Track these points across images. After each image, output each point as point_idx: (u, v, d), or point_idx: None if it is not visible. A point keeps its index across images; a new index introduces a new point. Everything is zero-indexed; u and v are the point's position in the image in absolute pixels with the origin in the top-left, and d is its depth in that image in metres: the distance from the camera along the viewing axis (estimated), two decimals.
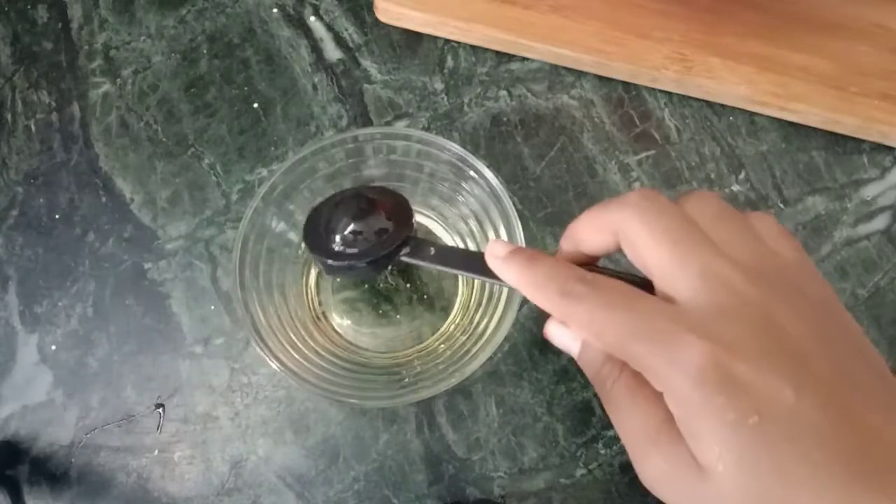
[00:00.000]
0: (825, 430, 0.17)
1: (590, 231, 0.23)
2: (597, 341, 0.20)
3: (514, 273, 0.23)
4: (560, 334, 0.24)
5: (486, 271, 0.25)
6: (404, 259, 0.30)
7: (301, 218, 0.35)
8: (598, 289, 0.21)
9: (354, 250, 0.30)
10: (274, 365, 0.30)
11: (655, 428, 0.20)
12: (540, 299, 0.22)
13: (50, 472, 0.36)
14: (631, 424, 0.20)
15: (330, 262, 0.30)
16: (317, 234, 0.31)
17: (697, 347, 0.18)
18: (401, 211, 0.31)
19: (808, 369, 0.18)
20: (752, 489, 0.18)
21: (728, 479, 0.18)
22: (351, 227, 0.30)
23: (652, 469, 0.20)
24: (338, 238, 0.30)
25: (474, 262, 0.27)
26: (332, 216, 0.31)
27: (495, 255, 0.24)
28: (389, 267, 0.32)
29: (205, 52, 0.42)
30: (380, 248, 0.29)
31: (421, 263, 0.29)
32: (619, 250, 0.22)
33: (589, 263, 0.24)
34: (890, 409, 0.18)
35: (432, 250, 0.29)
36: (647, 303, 0.20)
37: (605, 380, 0.22)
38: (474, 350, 0.31)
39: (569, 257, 0.24)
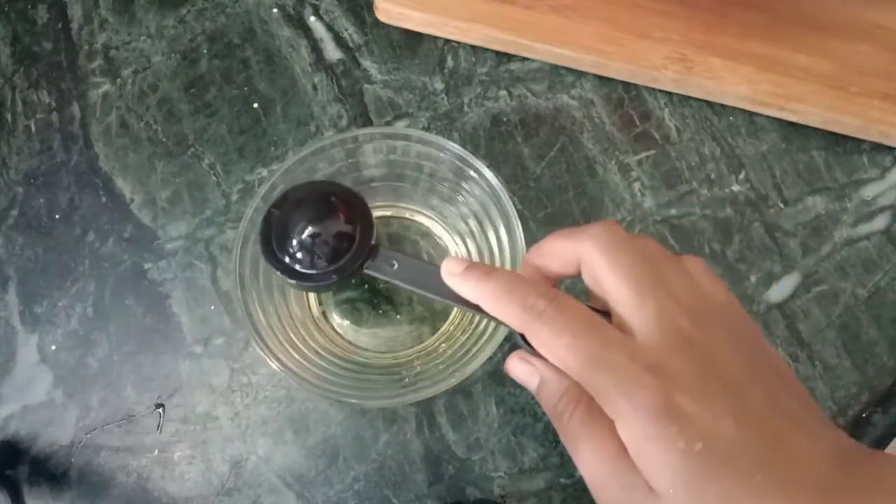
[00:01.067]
0: (761, 455, 0.20)
1: (553, 256, 0.24)
2: (556, 361, 0.22)
3: (471, 287, 0.24)
4: (519, 370, 0.25)
5: (447, 292, 0.25)
6: (368, 272, 0.29)
7: None
8: (562, 309, 0.22)
9: (318, 265, 0.28)
10: (274, 365, 0.30)
11: (611, 457, 0.21)
12: (500, 312, 0.23)
13: (50, 472, 0.36)
14: (587, 455, 0.22)
15: (290, 281, 0.29)
16: (274, 240, 0.29)
17: (652, 383, 0.20)
18: (361, 213, 0.29)
19: (743, 400, 0.20)
20: None
21: (679, 501, 0.20)
22: (309, 232, 0.28)
23: (608, 496, 0.21)
24: (296, 245, 0.28)
25: (436, 282, 0.26)
26: (288, 220, 0.29)
27: (451, 272, 0.25)
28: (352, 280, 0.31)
29: (205, 52, 0.42)
30: (345, 263, 0.28)
31: (383, 278, 0.28)
32: (578, 276, 0.24)
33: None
34: (812, 431, 0.21)
35: (395, 264, 0.28)
36: (608, 333, 0.21)
37: (562, 414, 0.23)
38: (474, 350, 0.31)
39: (529, 275, 0.25)
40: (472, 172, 0.32)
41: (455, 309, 0.37)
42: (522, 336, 0.23)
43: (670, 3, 0.40)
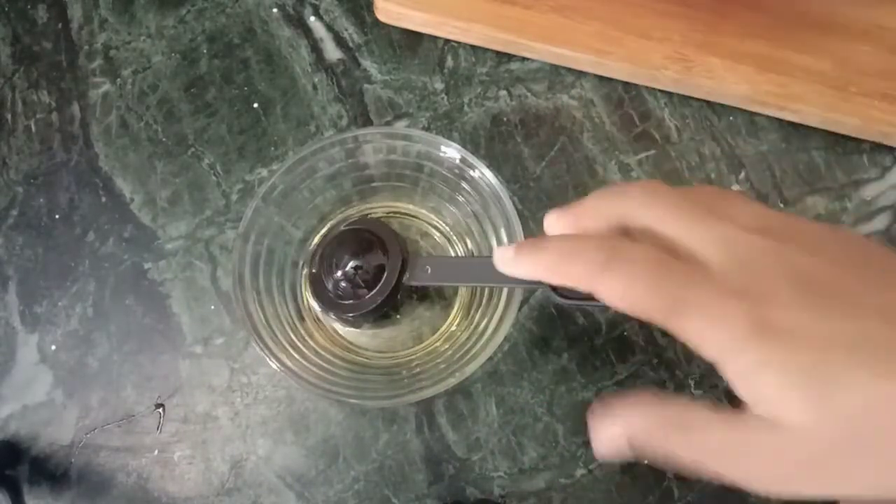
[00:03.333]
0: (874, 336, 0.18)
1: (597, 215, 0.23)
2: (633, 311, 0.20)
3: (528, 265, 0.23)
4: (606, 446, 0.22)
5: (492, 276, 0.25)
6: (409, 283, 0.31)
7: (301, 217, 0.35)
8: (627, 255, 0.21)
9: (361, 295, 0.32)
10: (274, 365, 0.30)
11: (715, 414, 0.20)
12: (564, 277, 0.22)
13: (50, 472, 0.36)
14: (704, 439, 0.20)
15: (347, 315, 0.33)
16: (325, 290, 0.33)
17: (743, 308, 0.18)
18: (390, 241, 0.33)
19: (836, 297, 0.19)
20: (829, 416, 0.18)
21: (805, 418, 0.18)
22: (351, 266, 0.32)
23: (731, 458, 0.20)
24: (340, 286, 0.33)
25: (478, 269, 0.27)
26: (329, 271, 0.33)
27: (504, 259, 0.24)
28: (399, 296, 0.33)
29: (205, 52, 0.42)
30: (384, 284, 0.32)
31: (425, 284, 0.32)
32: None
33: None
34: None
35: (429, 269, 0.31)
36: (682, 270, 0.20)
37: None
38: (474, 350, 0.31)
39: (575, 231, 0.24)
40: (472, 172, 0.32)
41: (455, 309, 0.37)
42: (553, 289, 0.23)
43: (670, 3, 0.40)
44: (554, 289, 0.25)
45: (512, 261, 0.24)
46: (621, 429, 0.21)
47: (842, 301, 0.19)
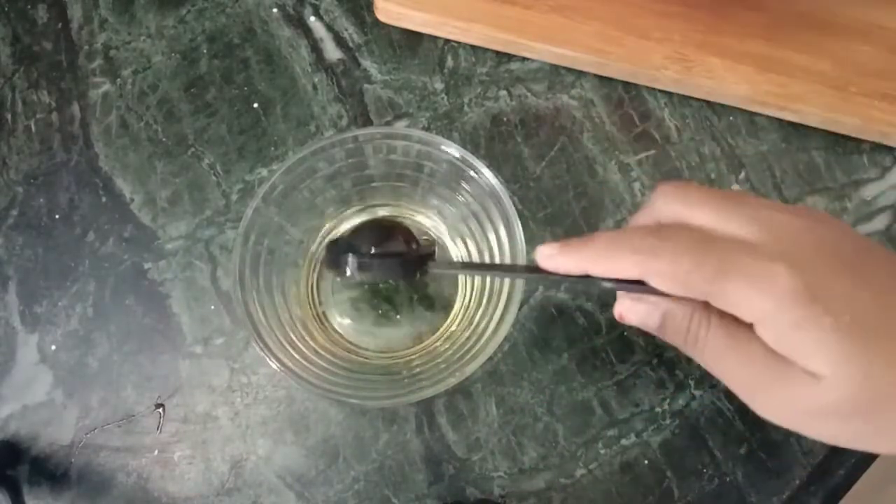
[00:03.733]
0: None
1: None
2: (682, 289, 0.22)
3: (574, 258, 0.24)
4: (637, 311, 0.25)
5: (526, 269, 0.27)
6: (434, 270, 0.30)
7: (301, 217, 0.35)
8: (672, 237, 0.22)
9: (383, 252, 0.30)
10: (274, 365, 0.30)
11: (761, 356, 0.21)
12: (612, 266, 0.23)
13: (50, 472, 0.36)
14: (736, 363, 0.22)
15: (361, 258, 0.30)
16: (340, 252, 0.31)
17: (783, 269, 0.20)
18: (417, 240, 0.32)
19: (864, 273, 0.21)
20: (867, 375, 0.20)
21: (843, 376, 0.20)
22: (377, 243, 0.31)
23: (767, 397, 0.22)
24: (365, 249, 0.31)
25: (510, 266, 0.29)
26: (353, 240, 0.32)
27: (548, 255, 0.25)
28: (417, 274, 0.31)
29: (205, 52, 0.42)
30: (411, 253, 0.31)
31: (448, 272, 0.32)
32: None
33: None
34: None
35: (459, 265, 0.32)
36: (724, 243, 0.22)
37: (697, 334, 0.23)
38: (474, 350, 0.31)
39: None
40: (472, 172, 0.32)
41: (455, 309, 0.37)
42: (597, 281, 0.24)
43: (670, 3, 0.40)
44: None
45: (557, 257, 0.25)
46: (659, 315, 0.24)
47: (869, 276, 0.21)
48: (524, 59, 0.41)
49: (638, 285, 0.23)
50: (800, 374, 0.20)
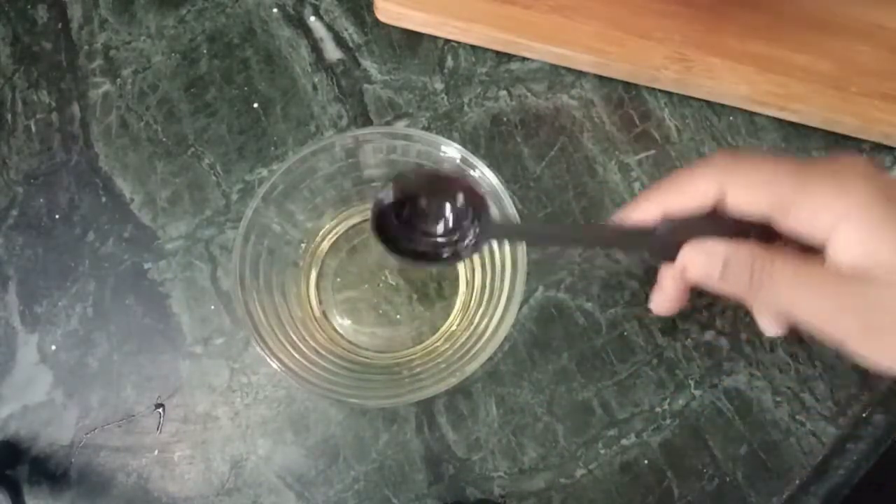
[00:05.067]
0: None
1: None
2: (760, 205, 0.23)
3: (654, 195, 0.25)
4: (699, 262, 0.24)
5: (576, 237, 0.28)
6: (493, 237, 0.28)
7: (301, 217, 0.35)
8: (745, 153, 0.24)
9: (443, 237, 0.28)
10: (274, 365, 0.30)
11: (836, 278, 0.22)
12: (691, 187, 0.24)
13: (50, 472, 0.36)
14: (813, 292, 0.22)
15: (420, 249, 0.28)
16: (394, 225, 0.28)
17: (863, 168, 0.22)
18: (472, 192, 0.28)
19: None
20: None
21: None
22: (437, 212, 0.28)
23: (850, 319, 0.22)
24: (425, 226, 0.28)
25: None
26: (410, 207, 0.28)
27: (632, 208, 0.26)
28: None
29: (205, 52, 0.42)
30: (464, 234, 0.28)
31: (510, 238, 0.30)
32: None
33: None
34: None
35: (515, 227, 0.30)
36: (795, 164, 0.23)
37: (762, 273, 0.23)
38: (475, 349, 0.31)
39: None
40: (472, 172, 0.32)
41: (455, 309, 0.37)
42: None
43: (670, 3, 0.40)
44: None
45: (640, 202, 0.26)
46: (720, 261, 0.24)
47: None
48: (524, 59, 0.41)
49: (700, 231, 0.24)
50: (885, 281, 0.21)
